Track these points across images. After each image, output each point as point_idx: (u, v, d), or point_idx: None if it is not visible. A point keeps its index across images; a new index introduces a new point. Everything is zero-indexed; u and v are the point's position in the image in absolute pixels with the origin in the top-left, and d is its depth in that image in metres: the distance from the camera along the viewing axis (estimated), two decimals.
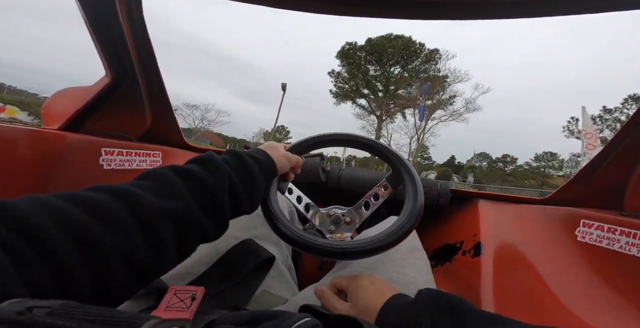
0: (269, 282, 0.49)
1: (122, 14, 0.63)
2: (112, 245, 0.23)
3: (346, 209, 0.57)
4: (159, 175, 0.31)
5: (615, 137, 0.61)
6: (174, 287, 0.29)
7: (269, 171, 0.45)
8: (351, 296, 0.39)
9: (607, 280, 0.54)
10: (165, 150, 0.90)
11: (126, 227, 0.24)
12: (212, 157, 0.37)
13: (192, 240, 0.31)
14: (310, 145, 0.56)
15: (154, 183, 0.30)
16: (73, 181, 0.68)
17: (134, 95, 0.77)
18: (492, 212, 0.79)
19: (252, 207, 0.41)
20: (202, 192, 0.32)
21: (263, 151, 0.46)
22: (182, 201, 0.29)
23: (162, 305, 0.27)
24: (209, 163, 0.36)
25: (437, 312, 0.30)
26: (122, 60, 0.69)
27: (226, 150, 0.42)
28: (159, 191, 0.29)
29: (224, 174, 0.35)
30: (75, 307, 0.17)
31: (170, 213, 0.28)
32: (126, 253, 0.24)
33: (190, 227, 0.30)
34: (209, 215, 0.32)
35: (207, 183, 0.33)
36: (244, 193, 0.38)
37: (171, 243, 0.28)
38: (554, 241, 0.65)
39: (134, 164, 0.80)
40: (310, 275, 0.80)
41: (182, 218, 0.29)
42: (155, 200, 0.27)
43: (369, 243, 0.43)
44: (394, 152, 0.55)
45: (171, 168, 0.32)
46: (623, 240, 0.53)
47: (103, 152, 0.72)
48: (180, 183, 0.31)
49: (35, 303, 0.16)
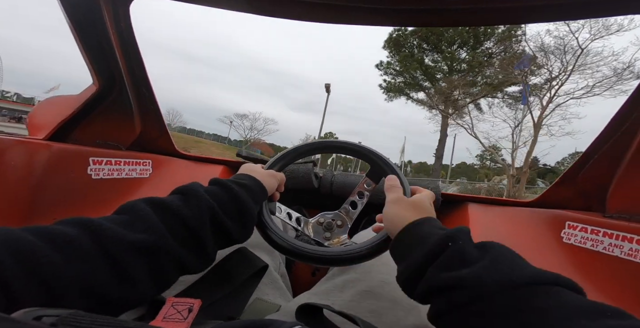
0: (262, 289, 0.49)
1: (109, 21, 0.62)
2: (70, 278, 0.23)
3: (333, 213, 0.57)
4: (131, 208, 0.31)
5: (596, 140, 0.63)
6: (171, 298, 0.29)
7: (259, 194, 0.45)
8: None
9: (592, 281, 0.55)
10: (155, 159, 0.89)
11: (88, 260, 0.24)
12: (192, 188, 0.36)
13: (171, 273, 0.31)
14: (288, 161, 0.57)
15: (127, 217, 0.30)
16: (61, 191, 0.67)
17: (123, 103, 0.76)
18: (481, 215, 0.80)
19: (245, 235, 0.41)
20: (179, 226, 0.32)
21: (249, 176, 0.46)
22: (155, 234, 0.29)
23: (160, 316, 0.27)
24: (189, 194, 0.35)
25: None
26: (110, 68, 0.69)
27: (211, 180, 0.42)
28: (131, 224, 0.29)
29: (204, 206, 0.35)
30: (83, 316, 0.18)
31: (140, 246, 0.28)
32: (86, 286, 0.24)
33: (165, 259, 0.30)
34: (187, 247, 0.32)
35: (183, 215, 0.33)
36: (231, 222, 0.37)
37: (143, 275, 0.28)
38: (541, 243, 0.66)
39: (124, 173, 0.79)
40: (304, 281, 0.80)
41: (155, 251, 0.29)
42: (124, 232, 0.27)
43: (373, 243, 0.44)
44: (366, 148, 0.56)
45: (145, 201, 0.32)
46: (606, 241, 0.55)
47: (91, 161, 0.71)
48: (153, 215, 0.31)
49: (44, 313, 0.17)
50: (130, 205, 0.31)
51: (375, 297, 0.45)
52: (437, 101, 16.00)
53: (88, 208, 0.72)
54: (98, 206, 0.73)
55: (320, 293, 0.49)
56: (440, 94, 15.52)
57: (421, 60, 17.73)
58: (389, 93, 19.54)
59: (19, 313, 0.17)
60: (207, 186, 0.39)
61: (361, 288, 0.47)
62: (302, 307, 0.40)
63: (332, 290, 0.49)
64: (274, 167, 0.54)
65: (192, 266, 0.33)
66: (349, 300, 0.46)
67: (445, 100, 15.44)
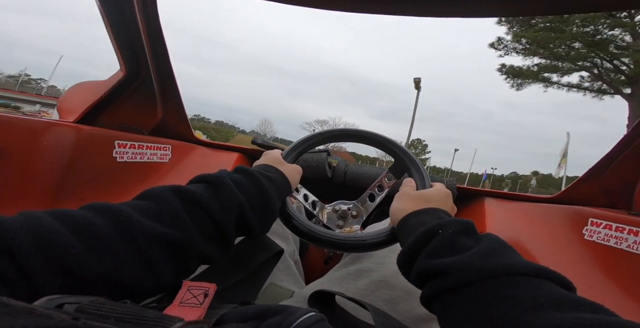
0: (276, 274, 0.50)
1: (139, 12, 0.64)
2: (95, 269, 0.23)
3: (351, 203, 0.57)
4: (160, 197, 0.30)
5: (625, 136, 0.61)
6: (187, 282, 0.29)
7: (285, 191, 0.44)
8: None
9: (613, 278, 0.54)
10: (175, 144, 0.92)
11: (115, 251, 0.24)
12: (224, 180, 0.35)
13: (192, 264, 0.31)
14: (307, 147, 0.56)
15: (154, 206, 0.29)
16: (89, 172, 0.71)
17: (147, 89, 0.78)
18: (498, 210, 0.79)
19: (263, 230, 0.41)
20: (206, 220, 0.31)
21: (276, 169, 0.45)
22: (182, 229, 0.29)
23: (177, 300, 0.27)
24: (220, 187, 0.34)
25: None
26: (137, 55, 0.71)
27: (237, 168, 0.40)
28: (158, 215, 0.28)
29: (234, 201, 0.34)
30: (104, 303, 0.18)
31: (167, 240, 0.27)
32: (113, 277, 0.24)
33: (189, 253, 0.30)
34: (210, 241, 0.32)
35: (213, 211, 0.32)
36: (255, 218, 0.37)
37: (167, 267, 0.28)
38: (561, 239, 0.65)
39: (145, 157, 0.82)
40: (317, 269, 0.81)
41: (180, 245, 0.29)
42: (152, 225, 0.27)
43: (384, 233, 0.44)
44: (392, 141, 0.55)
45: (173, 190, 0.31)
46: (631, 239, 0.53)
47: (116, 144, 0.74)
48: (182, 209, 0.30)
49: (66, 300, 0.18)
50: (157, 193, 0.30)
51: (389, 286, 0.46)
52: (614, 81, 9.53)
53: (113, 190, 0.75)
54: (122, 188, 0.76)
55: (333, 280, 0.50)
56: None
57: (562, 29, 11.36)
58: (519, 78, 13.39)
59: (41, 300, 0.18)
60: (234, 174, 0.38)
61: (375, 277, 0.47)
62: (315, 293, 0.41)
63: (346, 278, 0.49)
64: (292, 153, 0.54)
65: (212, 257, 0.33)
66: (362, 288, 0.46)
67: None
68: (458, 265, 0.27)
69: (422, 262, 0.30)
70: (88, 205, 0.26)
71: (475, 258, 0.27)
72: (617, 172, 0.64)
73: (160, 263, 0.27)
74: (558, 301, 0.22)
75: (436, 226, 0.32)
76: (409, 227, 0.37)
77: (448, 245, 0.30)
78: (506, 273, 0.25)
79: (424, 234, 0.32)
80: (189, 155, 0.96)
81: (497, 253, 0.27)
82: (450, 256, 0.28)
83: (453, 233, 0.30)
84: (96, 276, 0.23)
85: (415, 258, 0.32)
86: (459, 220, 0.33)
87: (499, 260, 0.26)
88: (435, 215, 0.37)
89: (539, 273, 0.25)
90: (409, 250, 0.32)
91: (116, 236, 0.25)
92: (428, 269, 0.29)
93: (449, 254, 0.29)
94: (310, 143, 0.57)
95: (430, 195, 0.42)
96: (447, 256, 0.29)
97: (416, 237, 0.32)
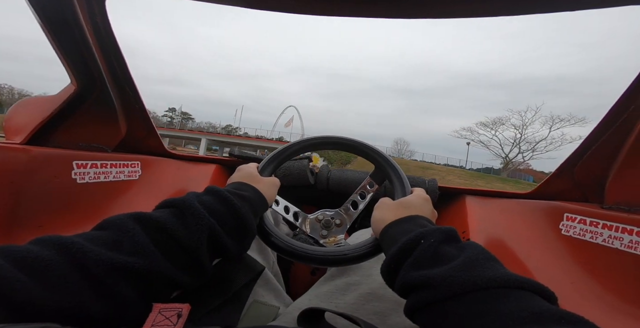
0: (256, 290, 0.48)
1: (84, 18, 0.58)
2: (47, 303, 0.22)
3: (334, 211, 0.56)
4: (119, 226, 0.28)
5: (594, 130, 0.62)
6: (158, 305, 0.28)
7: (261, 208, 0.43)
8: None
9: (593, 273, 0.55)
10: (145, 159, 0.85)
11: (68, 283, 0.23)
12: (191, 204, 0.33)
13: (164, 292, 0.30)
14: (284, 158, 0.54)
15: (112, 235, 0.27)
16: (45, 197, 0.64)
17: (105, 103, 0.72)
18: (479, 208, 0.80)
19: (241, 251, 0.39)
20: (173, 246, 0.30)
21: (250, 186, 0.44)
22: (145, 257, 0.27)
23: (148, 323, 0.26)
24: (187, 211, 0.32)
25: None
26: (88, 66, 0.64)
27: (207, 189, 0.38)
28: (116, 244, 0.27)
29: (203, 225, 0.32)
30: None
31: (127, 269, 0.26)
32: (67, 308, 0.22)
33: (158, 281, 0.28)
34: (181, 268, 0.30)
35: (179, 237, 0.30)
36: (230, 240, 0.36)
37: (133, 297, 0.26)
38: (540, 236, 0.66)
39: (111, 176, 0.76)
40: (304, 280, 0.79)
41: (145, 274, 0.27)
42: (108, 254, 0.25)
43: (366, 245, 0.44)
44: (372, 148, 0.54)
45: (134, 218, 0.30)
46: (605, 234, 0.55)
47: (75, 165, 0.68)
48: (144, 236, 0.28)
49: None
50: (115, 222, 0.29)
51: (378, 298, 0.45)
52: None
53: (75, 214, 0.69)
54: (87, 211, 0.70)
55: (321, 295, 0.48)
56: None
57: None
58: None
59: None
60: (203, 196, 0.36)
61: (364, 290, 0.47)
62: (305, 311, 0.39)
63: (334, 293, 0.48)
64: (268, 166, 0.52)
65: (187, 283, 0.32)
66: (352, 302, 0.45)
67: None
68: (440, 278, 0.27)
69: (405, 274, 0.30)
70: (36, 239, 0.25)
71: (457, 271, 0.27)
72: (588, 166, 0.66)
73: (123, 292, 0.26)
74: (538, 315, 0.22)
75: (419, 235, 0.32)
76: (391, 236, 0.37)
77: (430, 256, 0.30)
78: (488, 286, 0.25)
79: (406, 244, 0.32)
80: (162, 169, 0.90)
81: (479, 265, 0.27)
82: (433, 268, 0.28)
83: (435, 243, 0.30)
84: (49, 309, 0.22)
85: (398, 269, 0.32)
86: (441, 228, 0.33)
87: (481, 273, 0.26)
88: (416, 222, 0.37)
89: (521, 285, 0.25)
90: (391, 261, 0.32)
91: (67, 268, 0.24)
92: (411, 282, 0.29)
93: (431, 265, 0.29)
94: (286, 154, 0.55)
95: (409, 202, 0.42)
96: (429, 268, 0.29)
97: (398, 247, 0.32)
